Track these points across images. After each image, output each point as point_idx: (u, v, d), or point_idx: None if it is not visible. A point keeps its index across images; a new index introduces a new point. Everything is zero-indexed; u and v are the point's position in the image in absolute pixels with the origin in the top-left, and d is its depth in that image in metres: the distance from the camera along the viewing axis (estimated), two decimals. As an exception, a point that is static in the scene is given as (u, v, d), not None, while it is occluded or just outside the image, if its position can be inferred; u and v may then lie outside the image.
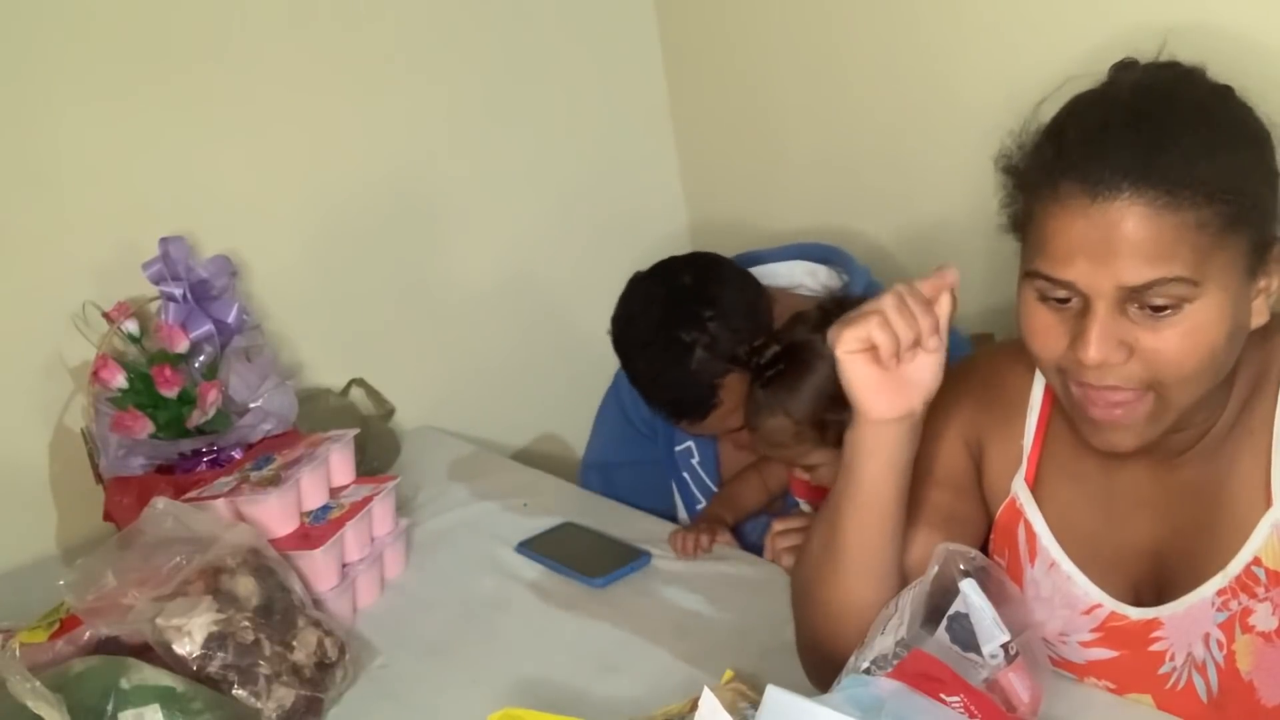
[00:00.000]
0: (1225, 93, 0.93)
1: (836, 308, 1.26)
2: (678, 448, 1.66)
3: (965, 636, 0.94)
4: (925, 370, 0.97)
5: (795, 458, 1.41)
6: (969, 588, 0.94)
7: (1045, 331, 0.94)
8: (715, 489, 1.65)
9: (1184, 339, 0.89)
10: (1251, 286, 0.92)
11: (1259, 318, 0.94)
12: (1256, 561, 0.97)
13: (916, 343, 0.96)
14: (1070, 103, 0.96)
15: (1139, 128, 0.89)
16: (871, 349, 0.95)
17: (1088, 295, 0.90)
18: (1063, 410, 1.06)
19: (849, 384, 0.97)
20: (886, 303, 0.95)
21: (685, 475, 1.66)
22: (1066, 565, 1.06)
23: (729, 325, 1.44)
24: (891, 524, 1.02)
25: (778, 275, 1.61)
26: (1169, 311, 0.88)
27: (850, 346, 0.95)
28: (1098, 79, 0.96)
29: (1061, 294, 0.92)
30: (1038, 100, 0.98)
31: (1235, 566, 0.98)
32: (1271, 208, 0.92)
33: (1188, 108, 0.91)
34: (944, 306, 0.97)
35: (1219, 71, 0.95)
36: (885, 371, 0.96)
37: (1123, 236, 0.87)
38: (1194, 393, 0.93)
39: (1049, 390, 1.08)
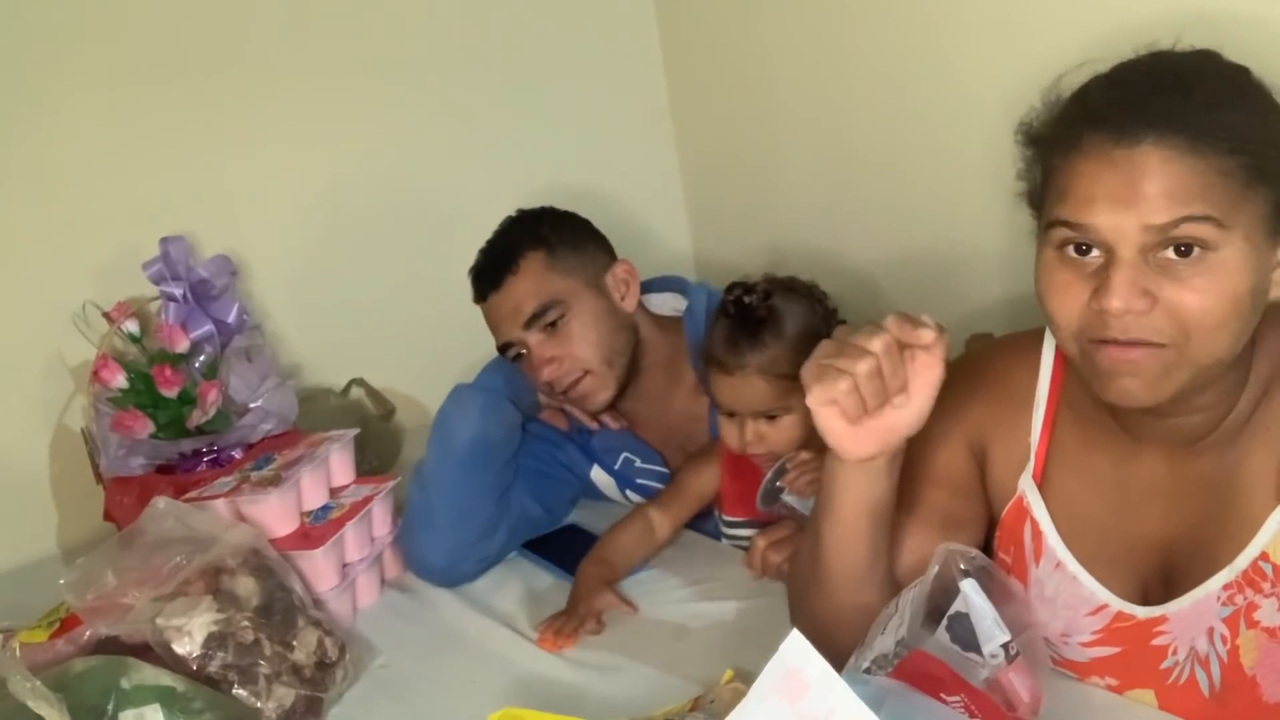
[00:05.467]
0: (1244, 68, 0.94)
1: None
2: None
3: (965, 636, 0.94)
4: (903, 416, 0.95)
5: (770, 401, 1.37)
6: (969, 587, 0.94)
7: (1065, 287, 0.92)
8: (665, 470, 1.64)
9: (1208, 287, 0.87)
10: (1275, 251, 0.91)
11: (1278, 290, 0.93)
12: (1264, 556, 0.96)
13: (885, 402, 0.94)
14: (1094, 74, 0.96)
15: (1163, 79, 0.90)
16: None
17: (1111, 243, 0.89)
18: (1071, 402, 1.06)
19: (821, 429, 0.97)
20: (860, 368, 0.92)
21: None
22: (1073, 566, 1.05)
23: (557, 228, 1.60)
24: (873, 543, 1.02)
25: (651, 303, 1.68)
26: (1194, 257, 0.87)
27: (820, 401, 0.94)
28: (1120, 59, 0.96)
29: (1082, 240, 0.90)
30: (1057, 75, 0.98)
31: (1243, 561, 0.97)
32: None
33: (1209, 68, 0.92)
34: (933, 373, 0.94)
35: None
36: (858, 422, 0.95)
37: (1146, 179, 0.87)
38: (1213, 351, 0.91)
39: (1055, 383, 1.07)
